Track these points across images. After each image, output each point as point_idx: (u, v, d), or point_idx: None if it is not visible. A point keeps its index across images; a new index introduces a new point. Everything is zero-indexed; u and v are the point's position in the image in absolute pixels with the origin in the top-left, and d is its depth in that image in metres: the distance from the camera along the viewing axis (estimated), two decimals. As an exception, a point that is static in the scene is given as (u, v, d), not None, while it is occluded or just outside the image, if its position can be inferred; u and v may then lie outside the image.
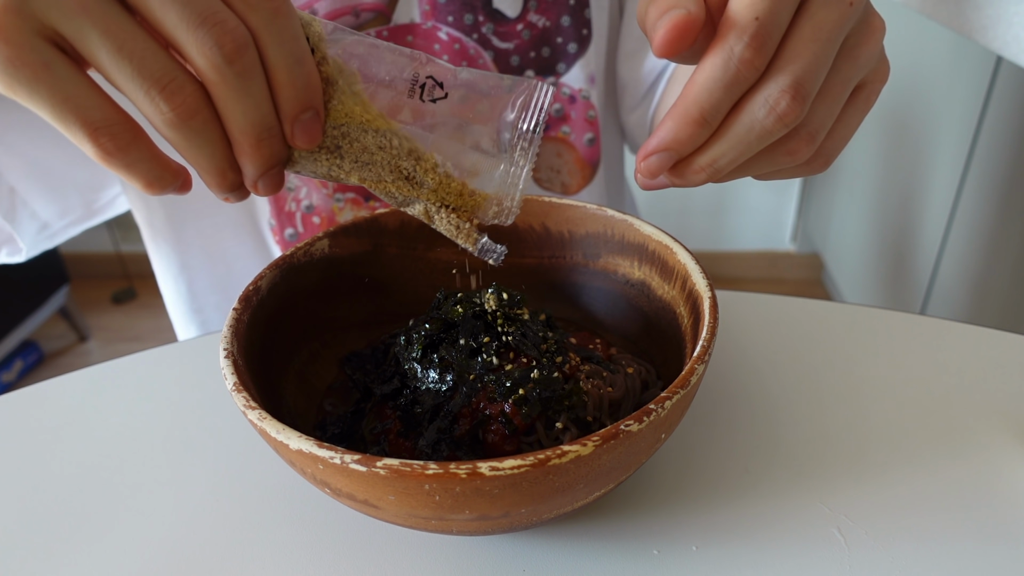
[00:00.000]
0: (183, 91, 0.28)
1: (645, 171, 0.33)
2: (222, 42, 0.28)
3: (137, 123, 0.29)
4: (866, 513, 0.41)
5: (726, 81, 0.30)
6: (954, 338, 0.54)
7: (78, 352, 2.17)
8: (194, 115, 0.29)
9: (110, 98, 0.29)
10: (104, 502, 0.45)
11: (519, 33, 0.69)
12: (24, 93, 0.28)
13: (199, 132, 0.29)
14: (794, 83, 0.30)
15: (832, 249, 2.09)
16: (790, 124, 0.31)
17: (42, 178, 0.66)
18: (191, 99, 0.28)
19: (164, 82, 0.28)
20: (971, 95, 1.28)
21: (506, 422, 0.38)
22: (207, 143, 0.30)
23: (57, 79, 0.28)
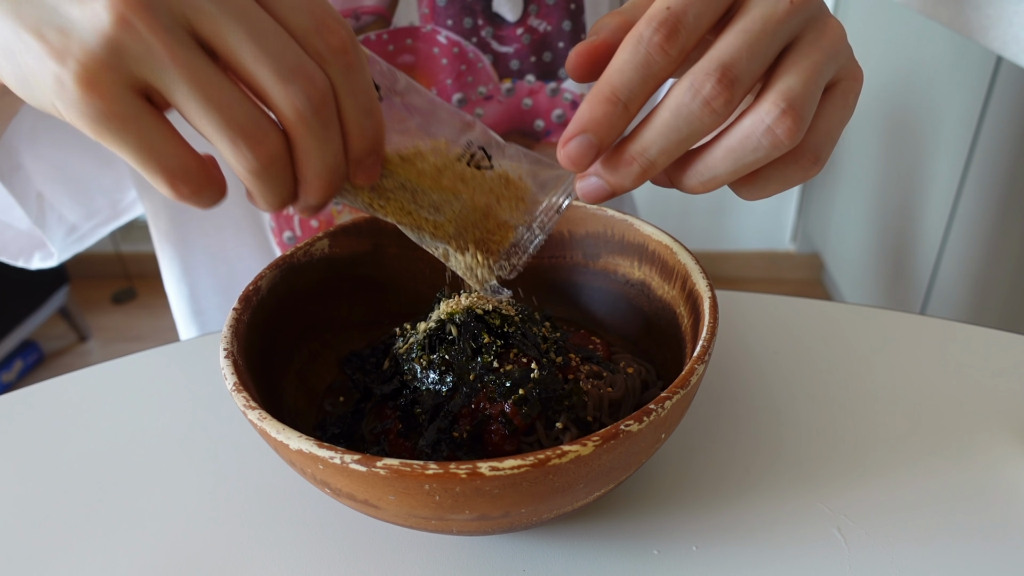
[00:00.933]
0: (268, 140, 0.29)
1: (566, 159, 0.32)
2: (311, 94, 0.29)
3: (208, 164, 0.31)
4: (866, 513, 0.41)
5: (636, 62, 0.30)
6: (954, 338, 0.54)
7: (78, 352, 2.17)
8: (276, 162, 0.30)
9: (188, 146, 0.30)
10: (104, 502, 0.45)
11: (519, 37, 0.69)
12: (111, 141, 0.29)
13: (277, 177, 0.30)
14: (720, 66, 0.30)
15: (832, 249, 2.09)
16: (719, 110, 0.30)
17: (69, 182, 0.67)
18: (275, 147, 0.29)
19: (250, 131, 0.29)
20: (971, 95, 1.28)
21: (506, 422, 0.38)
22: (282, 185, 0.31)
23: (144, 131, 0.29)
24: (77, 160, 0.67)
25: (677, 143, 0.31)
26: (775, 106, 0.30)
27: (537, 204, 0.38)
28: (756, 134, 0.31)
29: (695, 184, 0.33)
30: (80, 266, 2.41)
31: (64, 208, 0.68)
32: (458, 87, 0.69)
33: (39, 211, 0.66)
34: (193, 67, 0.28)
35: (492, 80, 0.70)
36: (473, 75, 0.69)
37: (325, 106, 0.29)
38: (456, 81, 0.69)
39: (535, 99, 0.72)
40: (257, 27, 0.28)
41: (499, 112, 0.71)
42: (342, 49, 0.29)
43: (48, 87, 0.28)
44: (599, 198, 0.34)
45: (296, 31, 0.29)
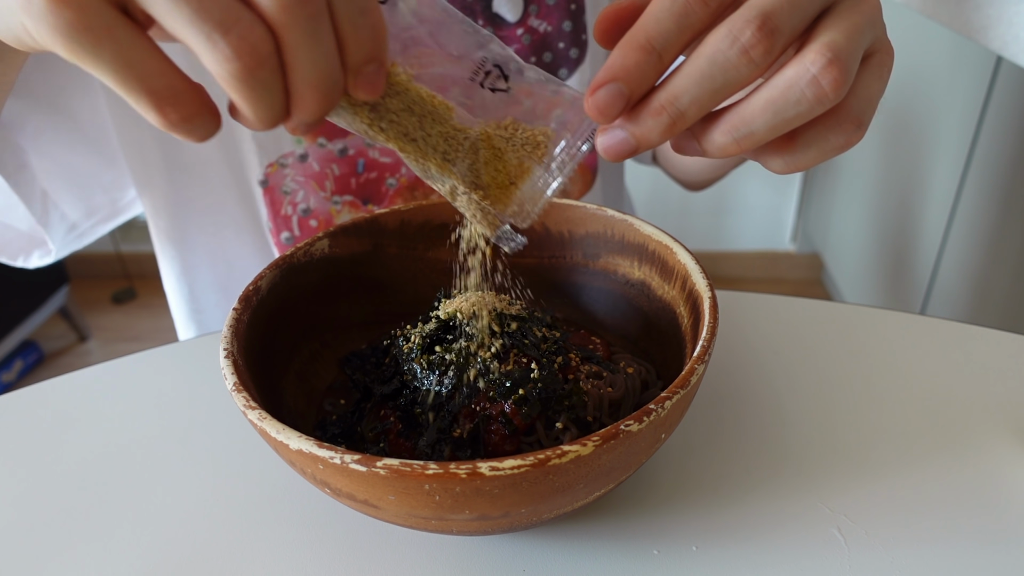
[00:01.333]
0: (251, 34, 0.25)
1: (593, 109, 0.30)
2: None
3: (200, 88, 0.28)
4: (866, 513, 0.41)
5: (674, 10, 0.29)
6: (954, 338, 0.54)
7: (78, 352, 2.17)
8: (261, 63, 0.26)
9: (175, 65, 0.27)
10: (104, 502, 0.45)
11: (519, 38, 0.69)
12: (87, 59, 0.26)
13: (263, 81, 0.27)
14: (761, 14, 0.28)
15: (832, 249, 2.09)
16: (757, 59, 0.28)
17: (70, 179, 0.67)
18: (259, 42, 0.26)
19: (228, 24, 0.25)
20: (971, 95, 1.28)
21: (506, 422, 0.38)
22: (269, 94, 0.27)
23: (120, 45, 0.26)
24: (79, 157, 0.67)
25: (711, 93, 0.29)
26: (821, 55, 0.29)
27: (555, 143, 0.34)
28: (800, 84, 0.29)
29: (727, 142, 0.31)
30: (80, 266, 2.41)
31: (66, 206, 0.68)
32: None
33: (43, 209, 0.66)
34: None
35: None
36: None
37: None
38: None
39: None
40: None
41: None
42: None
43: (14, 3, 0.26)
44: (622, 153, 0.31)
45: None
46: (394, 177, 0.71)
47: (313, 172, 0.70)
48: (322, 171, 0.69)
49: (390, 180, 0.71)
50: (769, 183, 2.20)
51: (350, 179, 0.70)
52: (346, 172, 0.70)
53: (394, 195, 0.72)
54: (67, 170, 0.67)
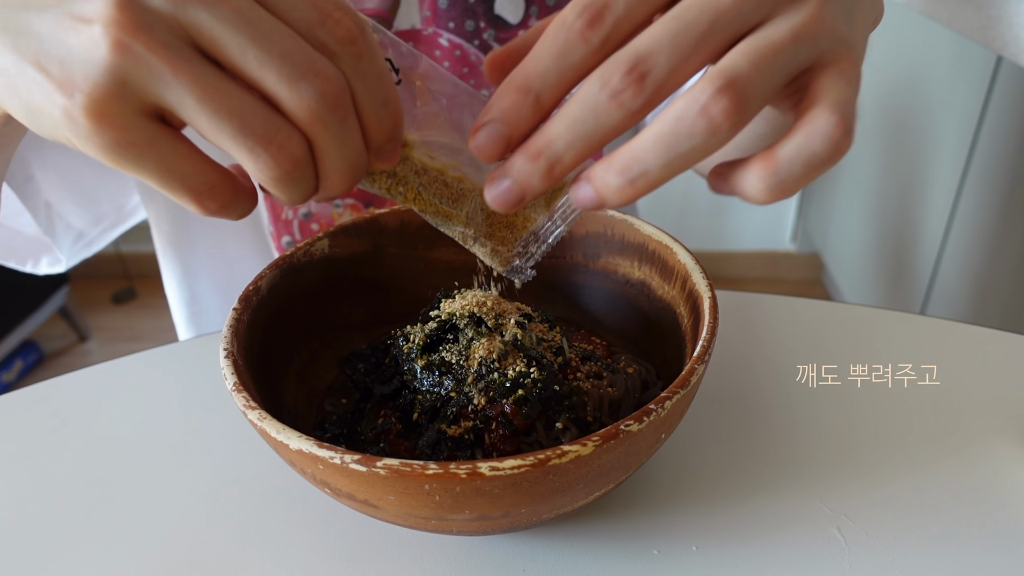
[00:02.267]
0: (289, 144, 0.28)
1: (475, 151, 0.30)
2: (324, 91, 0.27)
3: (235, 177, 0.30)
4: (866, 513, 0.41)
5: (554, 49, 0.28)
6: (954, 338, 0.54)
7: (78, 352, 2.17)
8: (298, 166, 0.28)
9: (210, 161, 0.29)
10: (104, 502, 0.45)
11: None
12: (130, 168, 0.28)
13: (300, 179, 0.29)
14: (633, 57, 0.27)
15: (832, 249, 2.09)
16: (627, 105, 0.27)
17: (75, 189, 0.68)
18: (297, 151, 0.28)
19: (268, 138, 0.27)
20: (971, 95, 1.28)
21: (506, 422, 0.38)
22: (305, 184, 0.30)
23: (162, 154, 0.28)
24: (84, 167, 0.67)
25: (584, 139, 0.28)
26: (711, 83, 0.27)
27: (557, 197, 0.37)
28: (690, 115, 0.27)
29: (621, 184, 0.29)
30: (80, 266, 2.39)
31: (71, 216, 0.68)
32: None
33: (48, 220, 0.66)
34: (199, 79, 0.27)
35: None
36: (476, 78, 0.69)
37: (340, 102, 0.28)
38: None
39: None
40: (258, 28, 0.27)
41: None
42: (350, 39, 0.28)
43: (58, 121, 0.27)
44: (508, 202, 0.30)
45: (299, 26, 0.28)
46: None
47: None
48: None
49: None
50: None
51: None
52: None
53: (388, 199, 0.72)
54: (72, 181, 0.67)
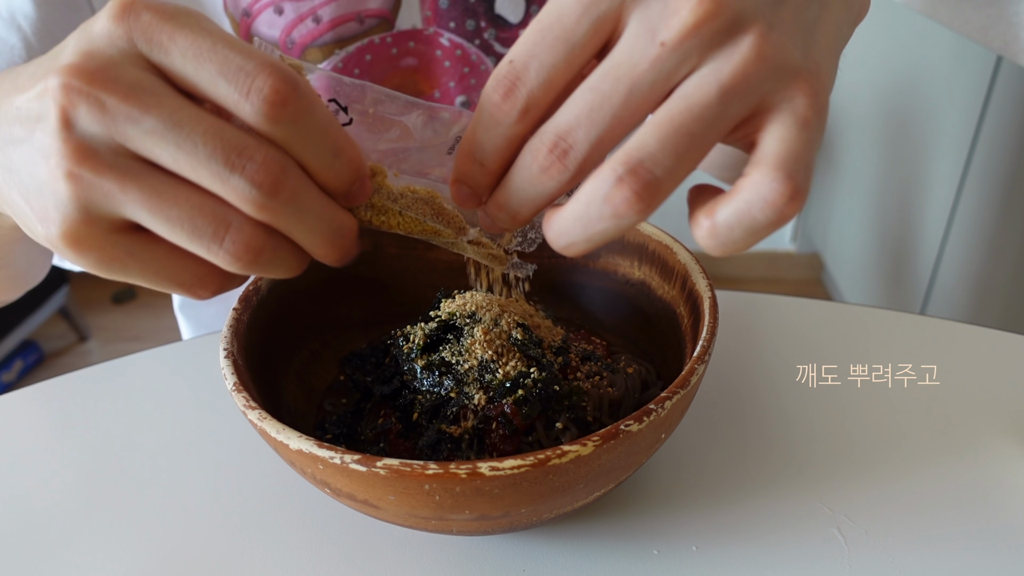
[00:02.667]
0: (242, 236, 0.28)
1: (456, 199, 0.32)
2: (260, 181, 0.27)
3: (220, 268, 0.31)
4: (866, 513, 0.41)
5: (482, 122, 0.30)
6: (954, 338, 0.54)
7: (78, 352, 2.17)
8: (260, 252, 0.29)
9: (192, 256, 0.30)
10: (104, 502, 0.45)
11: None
12: (120, 276, 0.30)
13: (272, 260, 0.30)
14: (553, 136, 0.28)
15: (832, 249, 2.09)
16: (557, 178, 0.28)
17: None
18: (253, 240, 0.29)
19: (220, 235, 0.28)
20: (971, 95, 1.28)
21: (506, 422, 0.38)
22: (283, 262, 0.30)
23: (142, 261, 0.29)
24: None
25: (531, 201, 0.30)
26: (612, 172, 0.27)
27: None
28: (596, 203, 0.28)
29: (562, 246, 0.30)
30: (80, 266, 2.40)
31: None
32: (461, 90, 0.69)
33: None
34: (146, 192, 0.28)
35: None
36: (476, 78, 0.69)
37: (281, 183, 0.28)
38: (459, 84, 0.69)
39: None
40: (182, 131, 0.27)
41: None
42: (280, 102, 0.27)
43: (47, 244, 0.29)
44: (496, 231, 0.34)
45: (226, 103, 0.27)
46: None
47: None
48: None
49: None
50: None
51: None
52: None
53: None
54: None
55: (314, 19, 0.64)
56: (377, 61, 0.67)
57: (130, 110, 0.27)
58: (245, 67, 0.27)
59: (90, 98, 0.27)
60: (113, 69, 0.27)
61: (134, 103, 0.27)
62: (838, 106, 1.95)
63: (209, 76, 0.27)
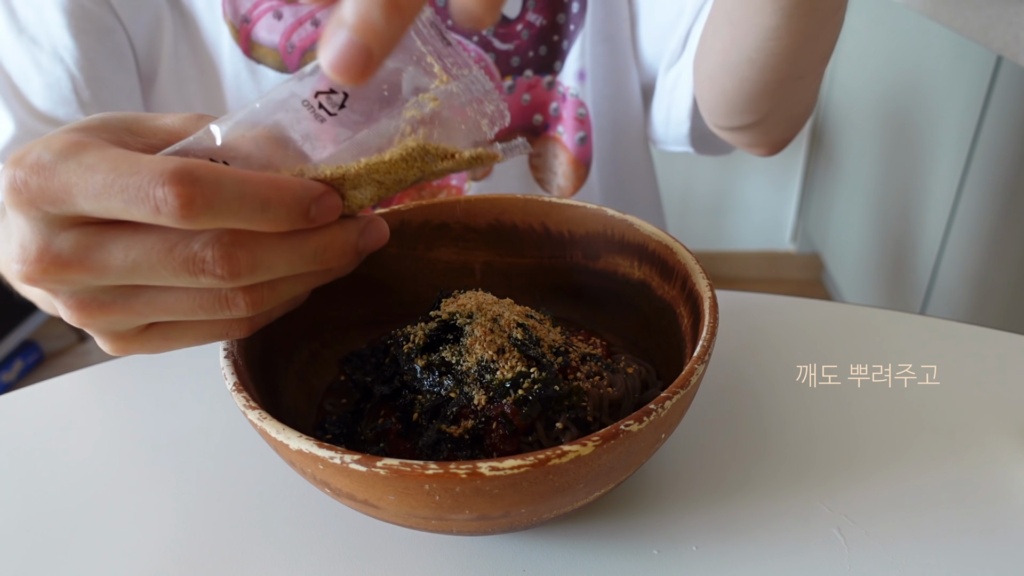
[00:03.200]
0: (239, 298, 0.33)
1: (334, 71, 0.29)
2: (220, 273, 0.31)
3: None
4: (866, 513, 0.41)
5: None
6: (954, 338, 0.54)
7: (78, 352, 2.17)
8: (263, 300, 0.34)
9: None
10: (104, 502, 0.45)
11: (519, 33, 0.69)
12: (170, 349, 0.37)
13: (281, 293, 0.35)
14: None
15: (832, 249, 2.09)
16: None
17: None
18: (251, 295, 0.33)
19: (224, 304, 0.33)
20: (971, 95, 1.28)
21: (506, 422, 0.38)
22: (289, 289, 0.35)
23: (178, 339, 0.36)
24: None
25: None
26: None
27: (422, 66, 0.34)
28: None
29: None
30: (80, 266, 2.40)
31: None
32: None
33: None
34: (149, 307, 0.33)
35: (495, 79, 0.70)
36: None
37: (237, 259, 0.31)
38: None
39: (533, 94, 0.72)
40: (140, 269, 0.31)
41: None
42: (186, 204, 0.28)
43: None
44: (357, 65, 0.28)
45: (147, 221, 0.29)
46: None
47: None
48: None
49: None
50: (769, 183, 2.20)
51: None
52: None
53: (401, 196, 0.72)
54: None
55: (313, 23, 0.64)
56: None
57: (88, 275, 0.31)
58: (141, 186, 0.28)
59: (55, 284, 0.31)
60: (50, 251, 0.30)
61: (88, 268, 0.31)
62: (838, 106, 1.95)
63: (119, 207, 0.29)
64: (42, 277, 0.30)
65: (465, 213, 0.52)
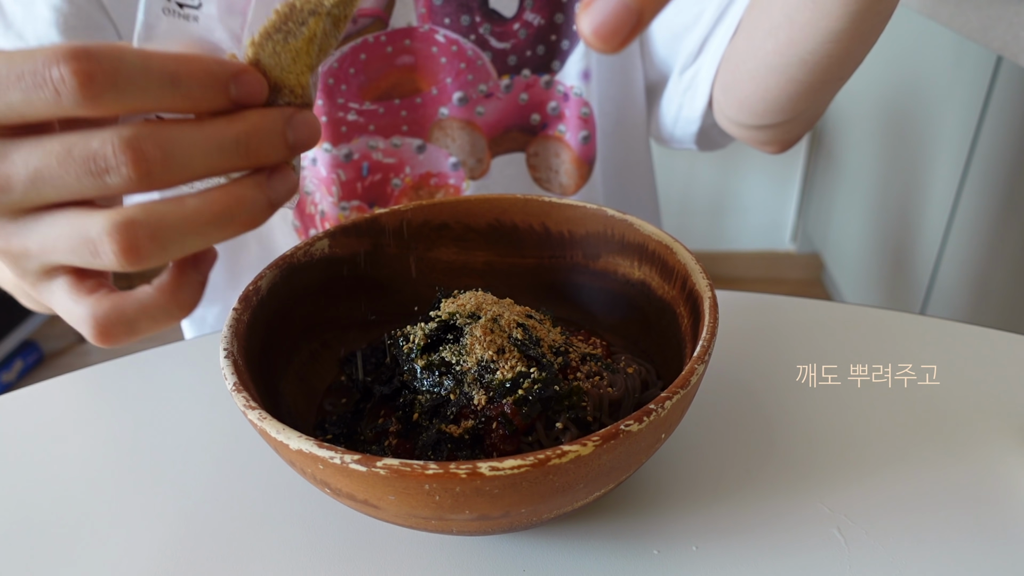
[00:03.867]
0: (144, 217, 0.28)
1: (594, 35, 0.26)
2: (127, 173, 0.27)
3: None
4: (866, 513, 0.41)
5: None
6: (954, 338, 0.54)
7: (78, 352, 2.17)
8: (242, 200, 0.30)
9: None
10: (104, 502, 0.45)
11: (515, 32, 0.69)
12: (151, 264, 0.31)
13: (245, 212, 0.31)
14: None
15: (832, 249, 2.09)
16: None
17: None
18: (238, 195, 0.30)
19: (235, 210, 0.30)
20: (971, 95, 1.28)
21: (506, 422, 0.38)
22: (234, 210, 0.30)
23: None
24: None
25: None
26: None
27: None
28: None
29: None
30: (80, 266, 2.40)
31: None
32: (458, 85, 0.69)
33: None
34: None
35: (492, 77, 0.70)
36: (473, 73, 0.69)
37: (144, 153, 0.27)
38: (456, 79, 0.69)
39: (530, 93, 0.72)
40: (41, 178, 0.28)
41: (499, 109, 0.72)
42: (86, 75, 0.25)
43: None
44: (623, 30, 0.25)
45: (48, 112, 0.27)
46: (399, 177, 0.72)
47: (321, 177, 0.70)
48: (329, 176, 0.70)
49: (395, 180, 0.72)
50: (769, 183, 2.20)
51: (356, 183, 0.70)
52: (352, 177, 0.70)
53: (399, 195, 0.72)
54: None
55: None
56: (372, 60, 0.67)
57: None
58: (36, 71, 0.26)
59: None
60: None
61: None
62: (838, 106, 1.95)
63: (19, 100, 0.26)
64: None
65: (465, 213, 0.52)
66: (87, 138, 0.27)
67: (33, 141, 0.28)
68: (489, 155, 0.73)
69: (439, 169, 0.72)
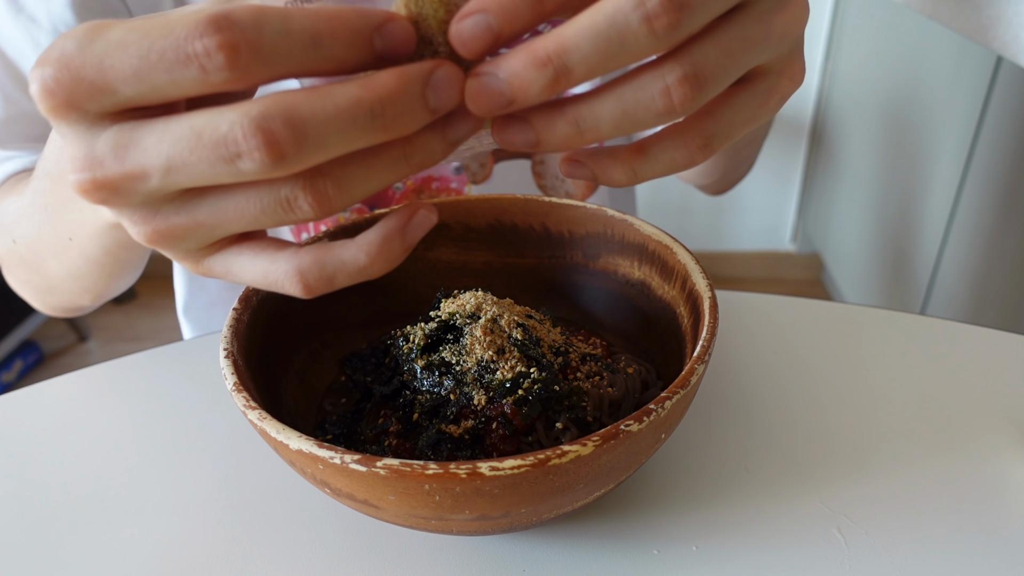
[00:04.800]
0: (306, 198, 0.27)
1: (455, 39, 0.26)
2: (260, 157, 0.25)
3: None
4: (866, 513, 0.41)
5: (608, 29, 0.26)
6: (954, 338, 0.54)
7: (78, 352, 2.17)
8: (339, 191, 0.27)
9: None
10: (104, 502, 0.45)
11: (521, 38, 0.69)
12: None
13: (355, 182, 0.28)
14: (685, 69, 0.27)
15: (832, 249, 2.09)
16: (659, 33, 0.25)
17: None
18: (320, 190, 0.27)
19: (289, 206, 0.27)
20: (971, 95, 1.28)
21: (506, 422, 0.38)
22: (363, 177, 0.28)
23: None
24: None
25: (602, 56, 0.25)
26: (679, 65, 0.26)
27: None
28: (652, 89, 0.26)
29: (570, 132, 0.27)
30: (80, 266, 2.40)
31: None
32: None
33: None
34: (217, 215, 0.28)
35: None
36: None
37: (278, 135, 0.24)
38: None
39: None
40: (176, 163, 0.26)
41: None
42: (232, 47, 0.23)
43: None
44: (494, 106, 0.26)
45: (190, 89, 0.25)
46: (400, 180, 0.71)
47: None
48: None
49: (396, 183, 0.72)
50: (769, 183, 2.20)
51: None
52: None
53: (400, 198, 0.72)
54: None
55: None
56: None
57: (132, 180, 0.26)
58: (178, 47, 0.24)
59: (109, 195, 0.27)
60: (94, 156, 0.26)
61: (127, 171, 0.26)
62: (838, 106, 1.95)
63: (165, 81, 0.24)
64: (93, 188, 0.27)
65: (465, 213, 0.52)
66: (216, 120, 0.25)
67: (161, 125, 0.26)
68: (492, 160, 0.73)
69: (441, 173, 0.72)
